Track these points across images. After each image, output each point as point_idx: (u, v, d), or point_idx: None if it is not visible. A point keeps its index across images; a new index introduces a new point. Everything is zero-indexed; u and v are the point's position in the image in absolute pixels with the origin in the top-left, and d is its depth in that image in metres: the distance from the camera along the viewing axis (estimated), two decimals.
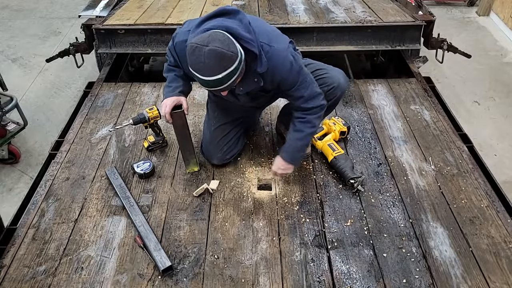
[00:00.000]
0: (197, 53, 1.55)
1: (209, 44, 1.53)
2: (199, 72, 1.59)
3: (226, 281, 1.69)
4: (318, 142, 2.31)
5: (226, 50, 1.55)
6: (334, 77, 2.03)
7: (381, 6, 3.52)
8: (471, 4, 6.00)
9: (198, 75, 1.60)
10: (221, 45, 1.54)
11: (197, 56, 1.56)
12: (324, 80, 2.01)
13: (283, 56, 1.76)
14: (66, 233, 1.89)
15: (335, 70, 2.07)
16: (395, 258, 1.77)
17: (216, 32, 1.58)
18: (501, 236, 1.86)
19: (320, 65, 2.07)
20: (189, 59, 1.60)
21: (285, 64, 1.76)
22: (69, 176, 2.21)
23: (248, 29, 1.67)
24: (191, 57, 1.58)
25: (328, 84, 2.01)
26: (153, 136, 2.37)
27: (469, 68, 4.43)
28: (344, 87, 2.06)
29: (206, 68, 1.57)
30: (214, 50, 1.53)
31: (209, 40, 1.54)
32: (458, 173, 2.20)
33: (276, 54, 1.74)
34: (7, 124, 3.12)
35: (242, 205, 2.03)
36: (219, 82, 1.60)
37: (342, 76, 2.05)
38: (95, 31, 3.14)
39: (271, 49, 1.73)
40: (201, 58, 1.55)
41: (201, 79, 1.60)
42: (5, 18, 5.70)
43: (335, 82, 2.02)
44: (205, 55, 1.54)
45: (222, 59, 1.56)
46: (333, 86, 2.02)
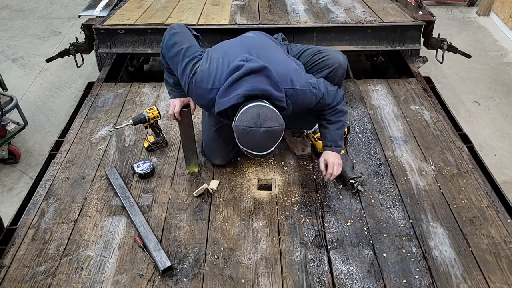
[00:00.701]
0: (252, 136, 1.62)
1: (263, 126, 1.60)
2: (254, 150, 1.68)
3: (226, 281, 1.69)
4: (318, 142, 2.31)
5: (277, 126, 1.63)
6: (334, 58, 2.07)
7: (381, 6, 3.52)
8: (471, 4, 6.01)
9: (251, 151, 1.69)
10: (273, 123, 1.62)
11: (252, 138, 1.63)
12: (325, 62, 2.05)
13: (305, 91, 1.83)
14: (66, 233, 1.89)
15: (333, 51, 2.11)
16: (395, 258, 1.77)
17: (261, 107, 1.63)
18: (501, 236, 1.86)
19: (317, 50, 2.11)
20: (241, 140, 1.67)
21: (308, 95, 1.85)
22: (69, 176, 2.21)
23: (278, 86, 1.71)
24: (245, 138, 1.65)
25: (330, 65, 2.05)
26: (153, 136, 2.37)
27: (469, 68, 4.43)
28: (344, 66, 2.10)
29: (261, 146, 1.66)
30: (270, 131, 1.62)
31: (261, 122, 1.60)
32: (458, 173, 2.20)
33: (299, 93, 1.82)
34: (7, 124, 3.12)
35: (242, 205, 2.03)
36: (270, 153, 1.71)
37: (341, 55, 2.09)
38: (95, 31, 3.14)
39: (294, 92, 1.80)
40: (256, 139, 1.63)
41: (253, 154, 1.70)
42: (5, 18, 5.70)
43: (336, 63, 2.05)
44: (261, 136, 1.62)
45: (276, 136, 1.65)
46: (335, 67, 2.05)
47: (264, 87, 1.67)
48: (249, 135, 1.62)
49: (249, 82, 1.67)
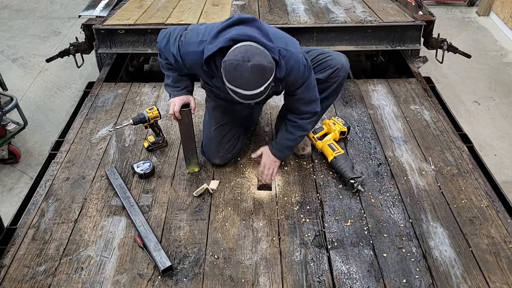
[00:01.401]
0: (240, 70, 1.55)
1: (251, 60, 1.54)
2: (242, 88, 1.59)
3: (226, 281, 1.69)
4: (318, 142, 2.31)
5: (267, 62, 1.57)
6: (336, 59, 2.07)
7: (381, 6, 3.52)
8: (471, 4, 6.01)
9: (239, 90, 1.60)
10: (261, 58, 1.56)
11: (240, 72, 1.55)
12: (328, 63, 2.06)
13: (298, 59, 1.80)
14: (66, 233, 1.89)
15: (336, 53, 2.11)
16: (395, 258, 1.77)
17: (250, 45, 1.58)
18: (501, 236, 1.86)
19: (320, 51, 2.13)
20: (229, 76, 1.59)
21: (300, 67, 1.81)
22: (69, 176, 2.21)
23: (268, 37, 1.68)
24: (233, 74, 1.57)
25: (332, 66, 2.05)
26: (153, 136, 2.37)
27: (469, 68, 4.43)
28: (346, 67, 2.10)
29: (250, 83, 1.58)
30: (258, 65, 1.55)
31: (248, 55, 1.54)
32: (458, 173, 2.20)
33: (293, 57, 1.77)
34: (7, 124, 3.12)
35: (242, 205, 2.03)
36: (260, 94, 1.63)
37: (343, 57, 2.10)
38: (95, 31, 3.14)
39: (287, 53, 1.76)
40: (245, 74, 1.55)
41: (241, 94, 1.61)
42: (5, 18, 5.70)
43: (338, 64, 2.06)
44: (249, 70, 1.54)
45: (265, 72, 1.58)
46: (337, 68, 2.06)
47: (253, 34, 1.63)
48: (236, 70, 1.55)
49: (238, 30, 1.65)
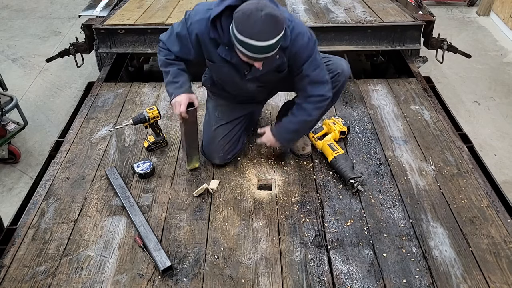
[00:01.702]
0: (254, 18, 1.53)
1: (264, 9, 1.53)
2: (255, 38, 1.56)
3: (226, 281, 1.69)
4: (318, 142, 2.31)
5: (279, 14, 1.57)
6: (337, 64, 2.06)
7: (381, 6, 3.52)
8: (471, 4, 6.01)
9: (250, 41, 1.57)
10: (274, 10, 1.56)
11: (254, 21, 1.54)
12: (328, 67, 2.04)
13: (303, 29, 1.79)
14: (66, 233, 1.89)
15: (337, 58, 2.10)
16: (395, 258, 1.77)
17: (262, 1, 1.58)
18: (501, 236, 1.86)
19: (322, 55, 2.09)
20: (241, 26, 1.56)
21: (304, 38, 1.79)
22: (69, 176, 2.21)
23: (276, 3, 1.68)
24: (245, 23, 1.55)
25: (332, 70, 2.04)
26: (153, 136, 2.37)
27: (469, 68, 4.43)
28: (347, 73, 2.09)
29: (263, 32, 1.56)
30: (271, 14, 1.54)
31: (261, 6, 1.54)
32: (458, 173, 2.20)
33: (297, 27, 1.77)
34: (7, 124, 3.12)
35: (242, 205, 2.03)
36: (272, 48, 1.61)
37: (345, 63, 2.09)
38: (95, 31, 3.14)
39: (293, 23, 1.75)
40: (258, 23, 1.54)
41: (252, 45, 1.58)
42: (5, 18, 5.70)
43: (339, 69, 2.05)
44: (263, 19, 1.53)
45: (278, 23, 1.57)
46: (337, 73, 2.05)
47: None
48: (249, 18, 1.54)
49: None
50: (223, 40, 1.74)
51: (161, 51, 1.99)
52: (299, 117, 2.01)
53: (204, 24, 1.75)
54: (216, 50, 1.82)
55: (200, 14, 1.78)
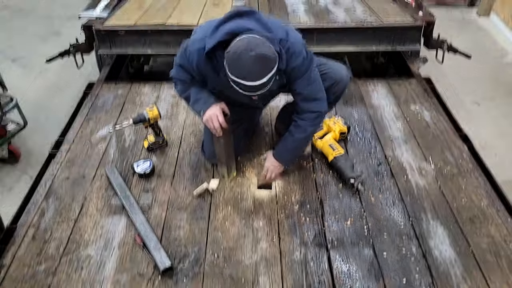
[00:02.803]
0: (243, 59, 1.53)
1: (254, 50, 1.52)
2: (245, 79, 1.57)
3: (226, 281, 1.68)
4: (318, 142, 2.31)
5: (270, 53, 1.56)
6: (336, 71, 2.05)
7: (381, 7, 3.53)
8: (471, 5, 6.01)
9: (242, 81, 1.58)
10: (264, 48, 1.55)
11: (243, 62, 1.54)
12: (327, 75, 2.02)
13: (299, 47, 1.77)
14: (66, 232, 1.89)
15: (337, 65, 2.08)
16: (395, 258, 1.77)
17: (250, 37, 1.57)
18: (501, 235, 1.86)
19: (322, 61, 2.08)
20: (232, 67, 1.57)
21: (299, 57, 1.77)
22: (69, 175, 2.21)
23: (268, 28, 1.66)
24: (236, 64, 1.56)
25: (331, 78, 2.03)
26: (153, 136, 2.37)
27: (469, 68, 4.42)
28: (346, 81, 2.08)
29: (253, 73, 1.56)
30: (261, 54, 1.53)
31: (251, 46, 1.53)
32: (458, 173, 2.20)
33: (292, 47, 1.74)
34: (7, 124, 3.12)
35: (242, 204, 2.03)
36: (263, 86, 1.60)
37: (344, 70, 2.07)
38: (95, 32, 3.14)
39: (288, 43, 1.73)
40: (248, 64, 1.54)
41: (244, 85, 1.59)
42: (5, 18, 5.71)
43: (338, 77, 2.04)
44: (252, 60, 1.53)
45: (268, 62, 1.56)
46: (336, 81, 2.04)
47: (249, 26, 1.62)
48: (240, 59, 1.54)
49: (236, 23, 1.65)
50: (221, 68, 1.73)
51: (176, 84, 2.00)
52: (296, 135, 2.00)
53: (201, 54, 1.73)
54: (217, 76, 1.81)
55: (196, 44, 1.76)
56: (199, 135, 2.47)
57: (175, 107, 2.75)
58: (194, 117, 2.61)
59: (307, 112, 1.94)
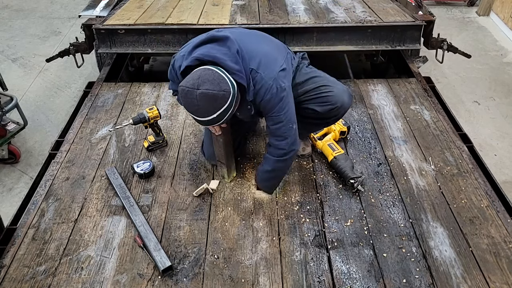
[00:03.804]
0: (190, 97, 1.58)
1: (200, 87, 1.55)
2: (194, 114, 1.63)
3: (226, 281, 1.69)
4: (318, 142, 2.31)
5: (217, 90, 1.56)
6: (338, 96, 1.94)
7: (381, 6, 3.52)
8: (471, 4, 6.01)
9: (193, 116, 1.65)
10: (212, 86, 1.55)
11: (190, 99, 1.58)
12: (328, 98, 1.94)
13: (268, 84, 1.72)
14: (66, 233, 1.89)
15: (339, 88, 1.96)
16: (395, 258, 1.77)
17: (205, 70, 1.59)
18: (501, 236, 1.86)
19: (325, 81, 1.98)
20: (182, 101, 1.63)
21: (267, 93, 1.73)
22: (69, 176, 2.21)
23: (236, 59, 1.66)
24: (184, 99, 1.61)
25: (332, 103, 1.94)
26: (153, 136, 2.37)
27: (469, 68, 4.43)
28: (347, 106, 1.99)
29: (200, 110, 1.60)
30: (206, 93, 1.55)
31: (199, 83, 1.55)
32: (458, 173, 2.20)
33: (262, 81, 1.72)
34: (7, 124, 3.12)
35: (242, 205, 2.03)
36: (213, 121, 1.64)
37: (346, 94, 1.97)
38: (95, 31, 3.14)
39: (257, 76, 1.72)
40: (194, 102, 1.57)
41: (196, 119, 1.65)
42: (5, 18, 5.70)
43: (339, 102, 1.94)
44: (198, 98, 1.56)
45: (215, 100, 1.58)
46: (336, 106, 1.95)
47: (216, 54, 1.63)
48: (186, 96, 1.58)
49: (207, 48, 1.66)
50: None
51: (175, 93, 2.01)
52: (264, 166, 2.00)
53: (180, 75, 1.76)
54: None
55: (179, 61, 1.78)
56: (199, 135, 2.47)
57: (175, 107, 2.75)
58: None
59: (274, 147, 1.90)
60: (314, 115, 1.99)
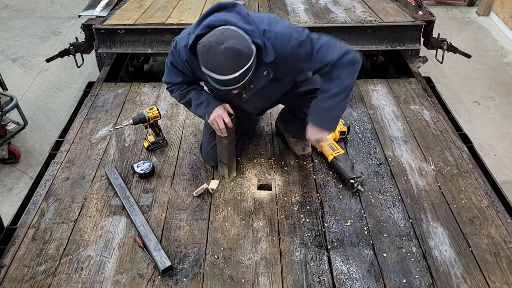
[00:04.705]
0: (212, 52, 1.49)
1: (224, 42, 1.48)
2: (215, 71, 1.53)
3: (226, 281, 1.69)
4: None
5: (242, 47, 1.51)
6: None
7: (381, 6, 3.52)
8: (471, 4, 6.01)
9: (213, 74, 1.54)
10: (236, 41, 1.50)
11: (213, 55, 1.49)
12: None
13: (286, 33, 1.66)
14: (66, 233, 1.89)
15: None
16: (395, 258, 1.77)
17: (226, 29, 1.53)
18: (501, 236, 1.86)
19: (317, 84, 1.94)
20: (202, 59, 1.54)
21: (291, 37, 1.66)
22: (69, 176, 2.21)
23: (248, 20, 1.62)
24: (206, 56, 1.52)
25: None
26: (153, 136, 2.37)
27: (469, 68, 4.43)
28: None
29: (223, 67, 1.51)
30: (231, 48, 1.48)
31: (222, 38, 1.49)
32: (458, 173, 2.20)
33: (279, 35, 1.65)
34: (7, 124, 3.12)
35: (242, 205, 2.03)
36: (235, 81, 1.55)
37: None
38: (95, 31, 3.14)
39: (272, 33, 1.65)
40: (217, 58, 1.49)
41: (216, 78, 1.54)
42: (5, 18, 5.70)
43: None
44: (222, 53, 1.48)
45: (239, 56, 1.51)
46: None
47: (228, 18, 1.58)
48: (209, 52, 1.49)
49: (216, 16, 1.61)
50: None
51: (172, 90, 1.95)
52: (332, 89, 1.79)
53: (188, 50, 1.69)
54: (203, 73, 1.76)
55: (184, 41, 1.72)
56: (199, 135, 2.47)
57: (175, 107, 2.75)
58: (194, 117, 2.61)
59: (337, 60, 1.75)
60: None
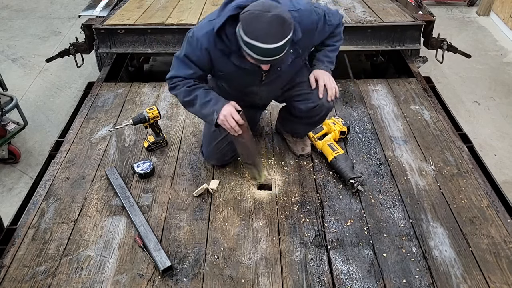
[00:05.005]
0: (261, 20, 1.50)
1: (272, 10, 1.51)
2: (261, 40, 1.52)
3: (226, 281, 1.69)
4: (318, 142, 2.31)
5: (287, 16, 1.55)
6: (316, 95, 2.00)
7: (381, 6, 3.52)
8: (471, 4, 6.00)
9: (258, 44, 1.53)
10: (282, 10, 1.54)
11: (260, 23, 1.50)
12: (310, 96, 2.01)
13: (309, 10, 1.79)
14: (66, 233, 1.89)
15: None
16: (395, 258, 1.77)
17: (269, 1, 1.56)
18: (501, 236, 1.86)
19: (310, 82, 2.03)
20: (247, 27, 1.53)
21: (315, 16, 1.82)
22: (69, 176, 2.21)
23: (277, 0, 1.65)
24: (252, 25, 1.52)
25: (314, 101, 2.00)
26: (153, 136, 2.37)
27: (469, 68, 4.43)
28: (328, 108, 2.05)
29: (270, 35, 1.52)
30: (278, 15, 1.51)
31: (268, 7, 1.52)
32: (458, 173, 2.20)
33: (304, 12, 1.76)
34: (7, 124, 3.12)
35: (242, 205, 2.03)
36: (279, 50, 1.56)
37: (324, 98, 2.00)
38: (95, 31, 3.14)
39: (298, 13, 1.72)
40: (264, 25, 1.51)
41: (261, 48, 1.53)
42: (5, 18, 5.70)
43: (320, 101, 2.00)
44: (269, 20, 1.50)
45: (284, 24, 1.54)
46: (318, 104, 2.01)
47: None
48: (257, 19, 1.50)
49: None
50: (232, 48, 1.71)
51: (177, 85, 1.87)
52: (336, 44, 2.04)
53: (211, 37, 1.71)
54: (227, 60, 1.77)
55: (204, 28, 1.73)
56: (199, 135, 2.46)
57: (175, 107, 2.75)
58: (194, 117, 2.61)
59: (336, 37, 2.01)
60: (300, 114, 2.04)
